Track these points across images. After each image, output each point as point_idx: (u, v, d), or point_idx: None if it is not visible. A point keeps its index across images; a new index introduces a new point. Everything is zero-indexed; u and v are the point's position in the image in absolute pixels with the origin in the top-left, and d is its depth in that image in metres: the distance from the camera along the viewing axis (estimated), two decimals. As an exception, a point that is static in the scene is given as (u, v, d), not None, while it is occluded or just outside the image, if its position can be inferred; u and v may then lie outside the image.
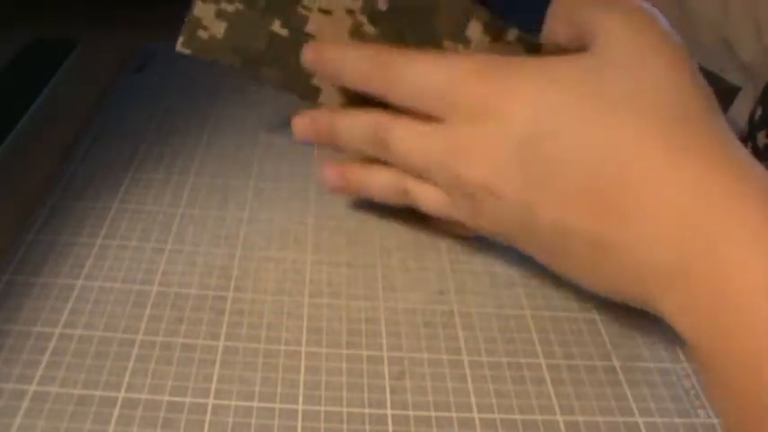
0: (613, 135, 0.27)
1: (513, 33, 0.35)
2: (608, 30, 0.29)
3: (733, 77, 0.44)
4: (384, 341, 0.33)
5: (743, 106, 0.41)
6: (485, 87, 0.30)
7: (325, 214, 0.41)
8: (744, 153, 0.27)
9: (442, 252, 0.39)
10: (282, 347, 0.32)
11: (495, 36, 0.35)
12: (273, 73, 0.39)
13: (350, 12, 0.36)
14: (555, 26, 0.32)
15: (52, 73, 0.51)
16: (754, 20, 0.42)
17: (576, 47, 0.31)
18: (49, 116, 0.47)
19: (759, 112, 0.39)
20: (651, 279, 0.27)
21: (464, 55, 0.33)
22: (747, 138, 0.39)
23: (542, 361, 0.33)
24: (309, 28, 0.37)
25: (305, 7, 0.37)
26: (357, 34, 0.36)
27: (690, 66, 0.29)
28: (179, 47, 0.39)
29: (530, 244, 0.32)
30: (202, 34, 0.38)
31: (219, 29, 0.38)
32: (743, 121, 0.42)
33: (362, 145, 0.35)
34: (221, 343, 0.32)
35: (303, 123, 0.38)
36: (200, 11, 0.37)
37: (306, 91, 0.39)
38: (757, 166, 0.27)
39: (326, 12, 0.36)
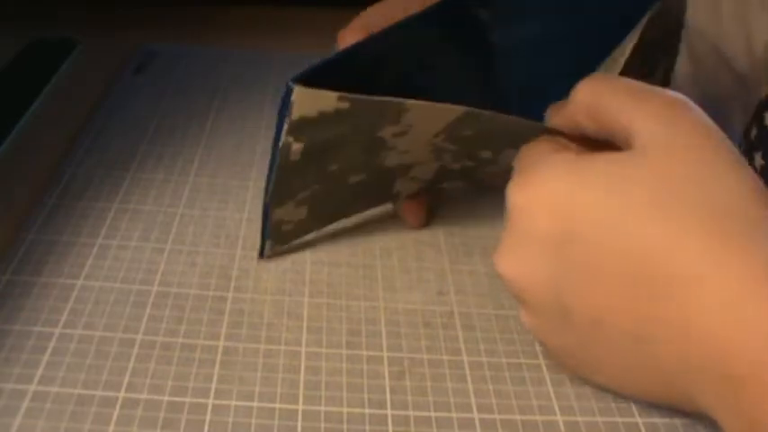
0: (650, 233, 0.26)
1: None
2: (640, 129, 0.28)
3: (728, 88, 0.44)
4: (384, 341, 0.33)
5: (736, 117, 0.41)
6: (517, 192, 0.30)
7: (325, 214, 0.41)
8: None
9: (442, 252, 0.39)
10: (282, 347, 0.32)
11: None
12: (356, 208, 0.39)
13: (431, 143, 0.34)
14: (579, 119, 0.31)
15: (52, 73, 0.51)
16: (745, 32, 0.42)
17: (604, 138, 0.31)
18: (49, 116, 0.47)
19: (754, 131, 0.39)
20: (694, 378, 0.26)
21: (524, 154, 0.32)
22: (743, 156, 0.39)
23: (542, 361, 0.33)
24: (389, 164, 0.36)
25: (382, 156, 0.35)
26: (436, 152, 0.35)
27: (729, 157, 0.28)
28: (268, 252, 0.37)
29: (565, 346, 0.31)
30: (287, 227, 0.37)
31: (302, 213, 0.36)
32: (737, 129, 0.42)
33: None
34: (221, 343, 0.32)
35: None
36: (279, 213, 0.36)
37: (386, 200, 0.39)
38: None
39: (406, 151, 0.35)
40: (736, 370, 0.24)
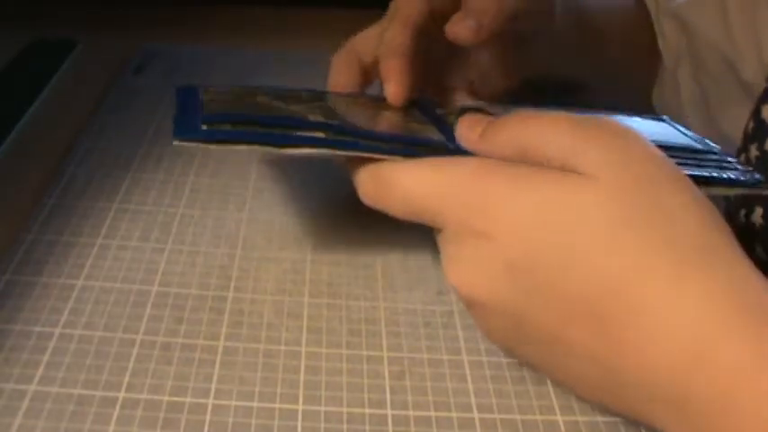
0: (606, 261, 0.26)
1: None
2: (591, 161, 0.27)
3: (735, 96, 0.44)
4: (384, 341, 0.33)
5: (743, 124, 0.41)
6: (468, 210, 0.29)
7: (326, 214, 0.41)
8: (749, 270, 0.26)
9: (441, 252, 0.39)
10: (282, 347, 0.32)
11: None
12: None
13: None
14: (506, 154, 0.30)
15: (52, 73, 0.51)
16: (755, 40, 0.42)
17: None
18: (49, 116, 0.47)
19: (751, 124, 0.39)
20: (649, 401, 0.26)
21: (452, 166, 0.30)
22: (741, 150, 0.40)
23: (542, 361, 0.33)
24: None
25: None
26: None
27: (681, 187, 0.28)
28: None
29: (523, 354, 0.31)
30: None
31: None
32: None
33: None
34: (221, 343, 0.32)
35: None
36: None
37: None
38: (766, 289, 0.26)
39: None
40: (691, 396, 0.25)
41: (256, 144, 0.31)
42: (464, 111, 0.33)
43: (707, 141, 0.36)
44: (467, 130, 0.31)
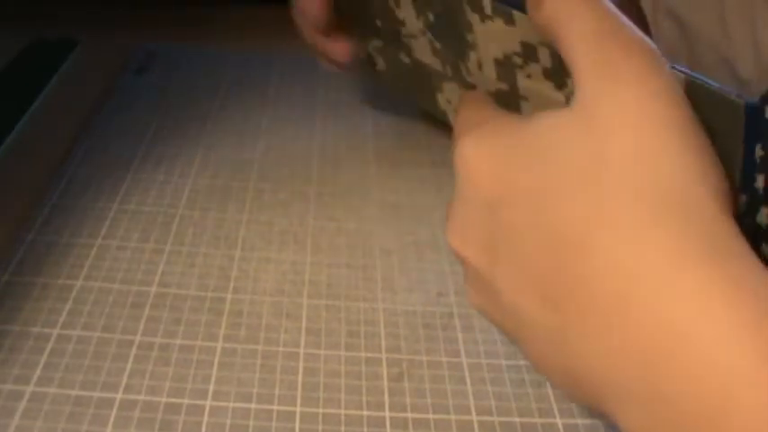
0: (562, 215, 0.24)
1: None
2: (593, 85, 0.25)
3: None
4: (383, 343, 0.33)
5: None
6: (465, 151, 0.28)
7: (325, 215, 0.41)
8: (731, 238, 0.23)
9: (441, 254, 0.39)
10: (281, 349, 0.32)
11: None
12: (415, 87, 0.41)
13: (423, 32, 0.36)
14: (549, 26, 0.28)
15: (52, 73, 0.51)
16: (752, 39, 0.42)
17: None
18: (49, 116, 0.47)
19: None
20: (607, 386, 0.23)
21: (466, 113, 0.31)
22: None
23: (541, 363, 0.33)
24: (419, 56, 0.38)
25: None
26: (435, 52, 0.37)
27: (685, 136, 0.25)
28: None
29: (495, 320, 0.28)
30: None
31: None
32: None
33: None
34: (219, 344, 0.32)
35: None
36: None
37: (433, 106, 0.40)
38: (742, 247, 0.23)
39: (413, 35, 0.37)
40: (651, 381, 0.22)
41: None
42: None
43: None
44: None
